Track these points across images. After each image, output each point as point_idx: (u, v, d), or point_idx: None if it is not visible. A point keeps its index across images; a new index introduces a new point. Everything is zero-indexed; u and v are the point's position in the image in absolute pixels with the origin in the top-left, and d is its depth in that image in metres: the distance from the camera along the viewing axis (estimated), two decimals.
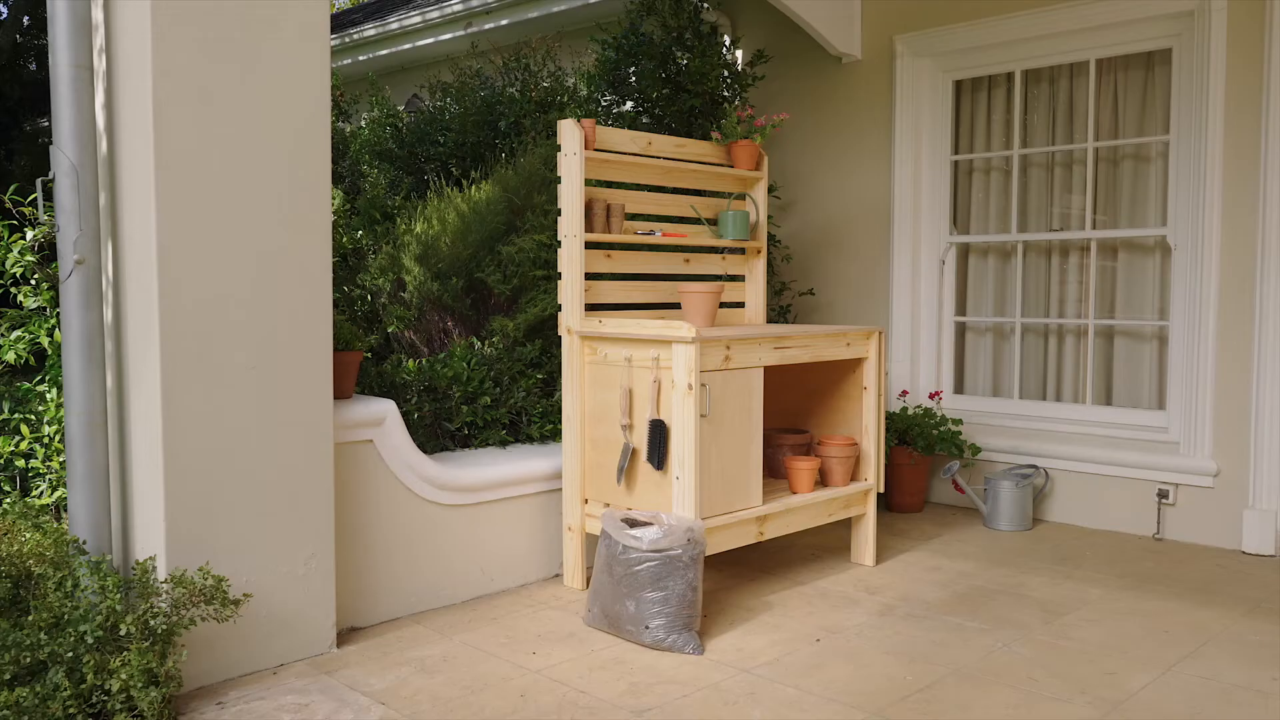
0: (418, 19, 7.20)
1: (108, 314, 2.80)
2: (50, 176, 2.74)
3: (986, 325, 5.22)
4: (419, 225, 4.28)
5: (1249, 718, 2.63)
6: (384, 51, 7.69)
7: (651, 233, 3.94)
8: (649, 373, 3.39)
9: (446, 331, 4.40)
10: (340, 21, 9.05)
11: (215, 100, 2.74)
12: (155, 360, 2.68)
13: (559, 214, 3.64)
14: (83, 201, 2.71)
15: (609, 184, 4.17)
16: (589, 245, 3.74)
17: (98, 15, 2.76)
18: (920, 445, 4.79)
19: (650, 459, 3.36)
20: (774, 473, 4.01)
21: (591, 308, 3.83)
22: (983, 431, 4.97)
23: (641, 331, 3.39)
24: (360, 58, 7.91)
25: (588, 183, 3.84)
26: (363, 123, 5.80)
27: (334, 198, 4.33)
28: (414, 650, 3.09)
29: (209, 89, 2.72)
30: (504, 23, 6.67)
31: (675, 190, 4.24)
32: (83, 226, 2.71)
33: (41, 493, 3.24)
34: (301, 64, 2.90)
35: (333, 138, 5.56)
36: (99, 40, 2.76)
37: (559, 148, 3.64)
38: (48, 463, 3.24)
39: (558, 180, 3.64)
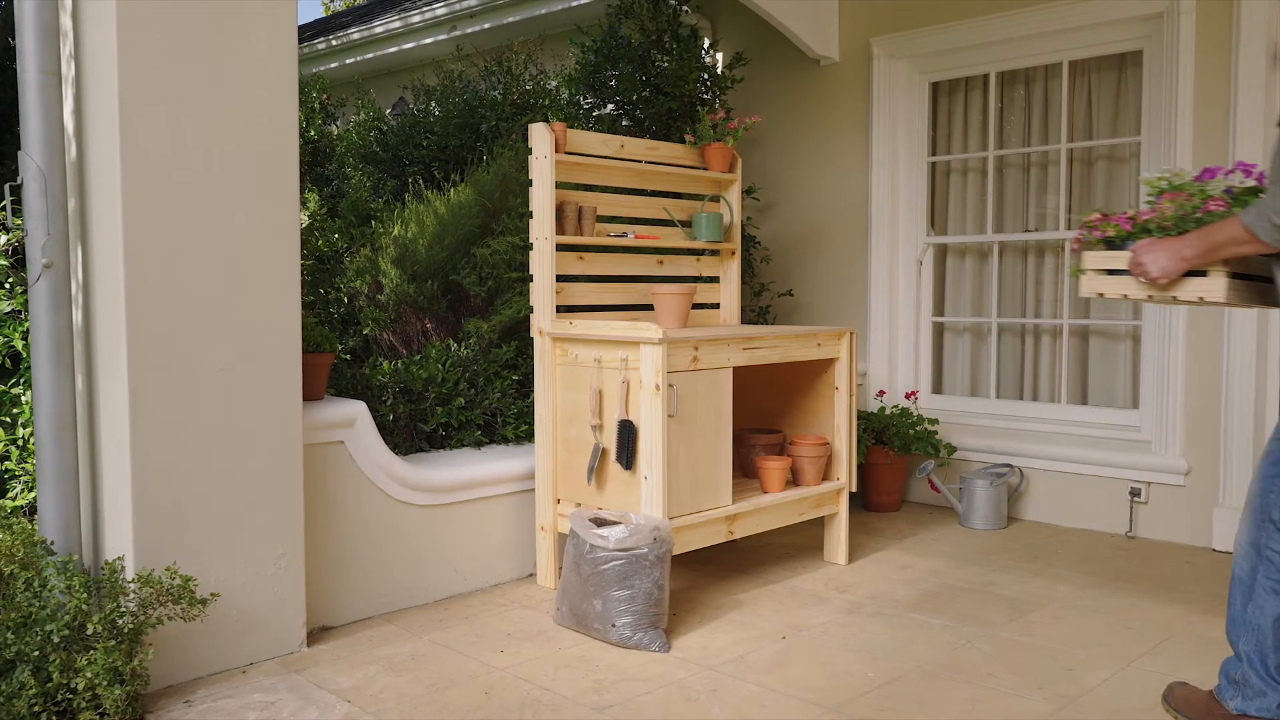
0: (399, 23, 7.24)
1: (78, 317, 2.84)
2: (19, 181, 2.78)
3: (964, 325, 5.26)
4: (396, 228, 4.32)
5: None
6: (370, 55, 7.73)
7: (624, 235, 3.98)
8: (618, 373, 3.42)
9: (426, 333, 4.44)
10: (328, 25, 9.09)
11: (183, 106, 2.77)
12: (123, 362, 2.71)
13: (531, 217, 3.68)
14: (51, 206, 2.74)
15: (584, 187, 4.20)
16: (561, 247, 3.77)
17: (66, 22, 2.79)
18: (897, 445, 4.82)
19: (619, 459, 3.40)
20: (747, 472, 4.04)
21: (566, 309, 3.86)
22: (960, 431, 5.01)
23: (610, 333, 3.43)
24: (347, 61, 7.95)
25: (560, 185, 3.87)
26: (349, 125, 5.84)
27: (309, 201, 4.36)
28: (383, 649, 3.13)
29: (176, 95, 2.76)
30: (486, 26, 6.71)
31: (650, 193, 4.27)
32: (51, 230, 2.74)
33: (17, 494, 3.27)
34: (269, 70, 2.94)
35: (320, 141, 5.60)
36: (68, 47, 2.80)
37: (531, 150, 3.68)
38: (23, 464, 3.27)
39: (530, 183, 3.68)
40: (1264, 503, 2.43)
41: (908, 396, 5.08)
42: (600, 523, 3.27)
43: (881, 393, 5.15)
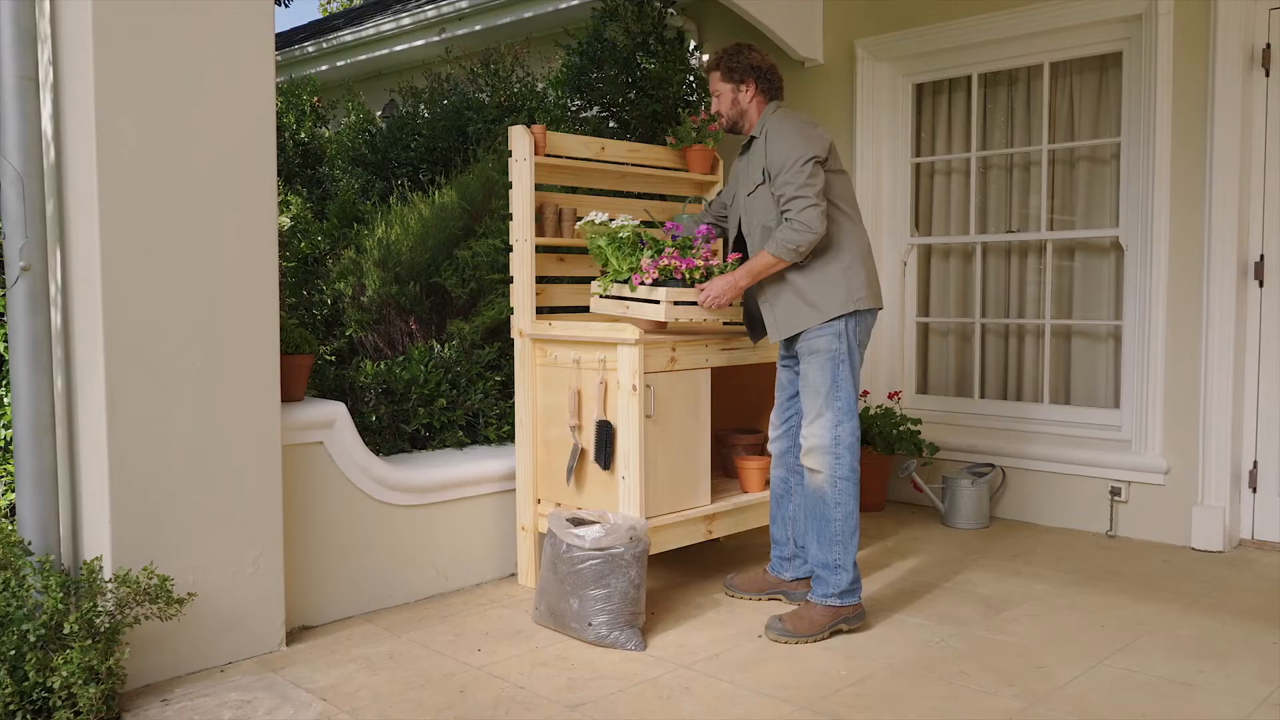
0: (392, 24, 7.27)
1: (57, 319, 2.86)
2: None
3: (949, 326, 5.28)
4: (380, 230, 4.35)
5: (1169, 708, 2.69)
6: (361, 57, 7.77)
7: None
8: (596, 374, 3.45)
9: (411, 335, 4.46)
10: (321, 28, 9.13)
11: (159, 111, 2.80)
12: (100, 364, 2.74)
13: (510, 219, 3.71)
14: (29, 209, 2.77)
15: (565, 189, 4.23)
16: (541, 249, 3.80)
17: (45, 28, 2.82)
18: (880, 445, 4.84)
19: (597, 459, 3.42)
20: (728, 472, 4.07)
21: (549, 310, 3.89)
22: (944, 430, 5.03)
23: (588, 334, 3.46)
24: (339, 63, 7.99)
25: (541, 188, 3.90)
26: (340, 128, 5.86)
27: (293, 203, 4.39)
28: (362, 648, 3.15)
29: (153, 100, 2.78)
30: (476, 28, 6.74)
31: (633, 194, 4.29)
32: (29, 234, 2.77)
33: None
34: (246, 75, 2.97)
35: (310, 143, 5.63)
36: (46, 52, 2.83)
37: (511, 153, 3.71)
38: (4, 465, 3.30)
39: (510, 185, 3.70)
40: None
41: (891, 397, 5.10)
42: (578, 522, 3.30)
43: (865, 393, 5.16)
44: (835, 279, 3.26)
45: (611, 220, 3.58)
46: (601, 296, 3.59)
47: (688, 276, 3.45)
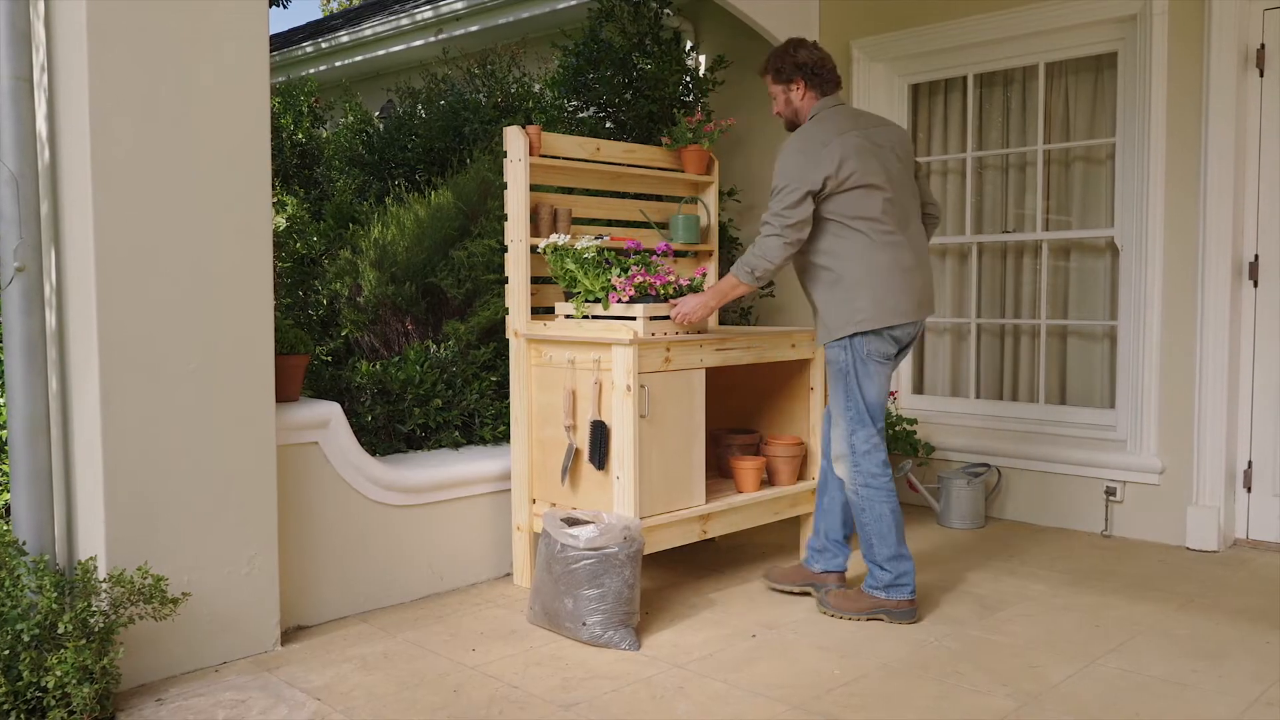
0: (390, 25, 7.28)
1: (52, 320, 2.87)
2: None
3: (945, 326, 5.29)
4: (376, 230, 4.35)
5: (1163, 707, 2.70)
6: (359, 58, 7.78)
7: (600, 237, 4.00)
8: (590, 374, 3.45)
9: (407, 335, 4.47)
10: (318, 28, 9.13)
11: (153, 113, 2.80)
12: (95, 364, 2.74)
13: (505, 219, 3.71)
14: (23, 210, 2.77)
15: (560, 189, 4.23)
16: (535, 250, 3.80)
17: (39, 28, 2.83)
18: None
19: (592, 459, 3.43)
20: (724, 472, 4.07)
21: (544, 311, 3.89)
22: (940, 431, 5.04)
23: (582, 334, 3.46)
24: (336, 64, 8.00)
25: (536, 188, 3.90)
26: (337, 128, 5.87)
27: (289, 204, 4.39)
28: (357, 648, 3.16)
29: (147, 102, 2.79)
30: (474, 29, 6.74)
31: (628, 195, 4.30)
32: (23, 234, 2.77)
33: None
34: (240, 77, 2.97)
35: (308, 144, 5.64)
36: (42, 52, 2.83)
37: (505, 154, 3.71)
38: (0, 465, 3.30)
39: (505, 186, 3.71)
40: None
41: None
42: (573, 522, 3.30)
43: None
44: (840, 300, 3.35)
45: (575, 241, 3.63)
46: (580, 318, 3.60)
47: (662, 292, 3.53)
